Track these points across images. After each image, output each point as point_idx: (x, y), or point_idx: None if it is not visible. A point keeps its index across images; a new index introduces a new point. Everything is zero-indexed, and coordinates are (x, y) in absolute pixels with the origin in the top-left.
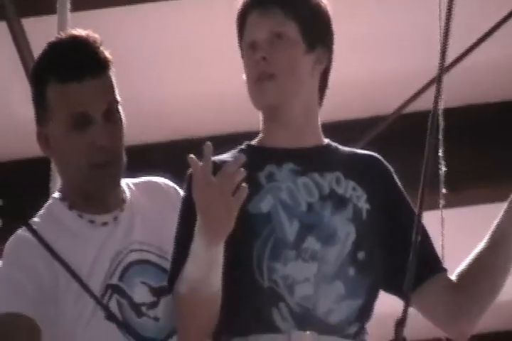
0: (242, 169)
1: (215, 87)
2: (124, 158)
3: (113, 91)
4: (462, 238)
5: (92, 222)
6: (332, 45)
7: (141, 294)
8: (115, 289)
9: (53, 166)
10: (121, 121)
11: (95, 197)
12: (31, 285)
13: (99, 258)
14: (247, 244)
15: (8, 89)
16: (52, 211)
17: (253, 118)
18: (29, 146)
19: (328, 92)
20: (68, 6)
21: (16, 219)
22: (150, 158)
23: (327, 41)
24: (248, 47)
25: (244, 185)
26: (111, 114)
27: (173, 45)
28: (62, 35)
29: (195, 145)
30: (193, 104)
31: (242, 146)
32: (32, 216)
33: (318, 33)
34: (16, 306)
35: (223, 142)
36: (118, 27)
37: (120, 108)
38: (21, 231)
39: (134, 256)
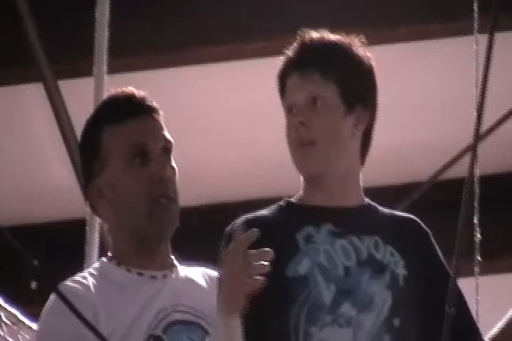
0: (267, 250)
1: (254, 150)
2: (179, 206)
3: (167, 134)
4: (497, 305)
5: (140, 274)
6: (375, 102)
7: None
8: (157, 340)
9: (88, 228)
10: (175, 165)
11: (150, 243)
12: (76, 337)
13: (144, 310)
14: (284, 308)
15: (44, 152)
16: (99, 268)
17: (293, 182)
18: (65, 208)
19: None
20: (105, 68)
21: (50, 281)
22: (188, 222)
23: (369, 99)
24: (288, 110)
25: (261, 278)
26: (168, 153)
27: (212, 109)
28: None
29: (233, 209)
30: (231, 168)
31: (281, 203)
32: (66, 278)
33: (358, 92)
34: None
35: (261, 206)
36: (154, 90)
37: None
38: (68, 282)
39: (179, 316)
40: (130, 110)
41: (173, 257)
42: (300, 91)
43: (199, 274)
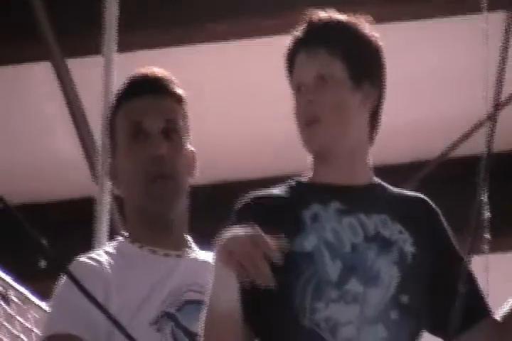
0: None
1: (260, 128)
2: (185, 184)
3: (174, 115)
4: (507, 283)
5: (153, 251)
6: (383, 80)
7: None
8: (172, 317)
9: (98, 206)
10: (181, 143)
11: (158, 220)
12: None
13: (157, 287)
14: (289, 283)
15: (53, 130)
16: (114, 245)
17: (302, 161)
18: (74, 186)
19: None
20: (115, 46)
21: (59, 259)
22: (194, 200)
23: (377, 76)
24: (295, 89)
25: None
26: (169, 132)
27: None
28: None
29: (241, 188)
30: (237, 146)
31: (291, 182)
32: (74, 257)
33: (365, 69)
34: (74, 329)
35: (270, 185)
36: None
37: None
38: (82, 258)
39: (194, 296)
40: (139, 89)
41: (189, 238)
42: (307, 70)
43: None
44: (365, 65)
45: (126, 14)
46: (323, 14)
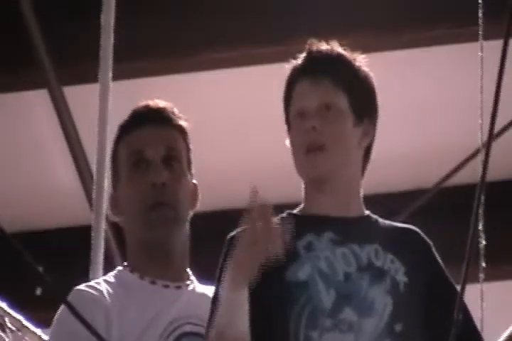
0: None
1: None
2: (185, 214)
3: (175, 143)
4: (502, 312)
5: (153, 282)
6: (377, 118)
7: None
8: None
9: (94, 234)
10: (182, 172)
11: (157, 251)
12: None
13: (156, 319)
14: (284, 312)
15: (50, 158)
16: (114, 275)
17: (291, 190)
18: (71, 214)
19: (370, 164)
20: (110, 74)
21: (56, 287)
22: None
23: (373, 114)
24: (296, 114)
25: (280, 243)
26: (171, 160)
27: (216, 115)
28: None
29: (236, 216)
30: (233, 174)
31: (283, 214)
32: (71, 285)
33: (366, 105)
34: None
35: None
36: (163, 96)
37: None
38: (81, 287)
39: (192, 328)
40: (140, 120)
41: (189, 271)
42: (311, 97)
43: None
44: (366, 102)
45: (123, 42)
46: (324, 45)
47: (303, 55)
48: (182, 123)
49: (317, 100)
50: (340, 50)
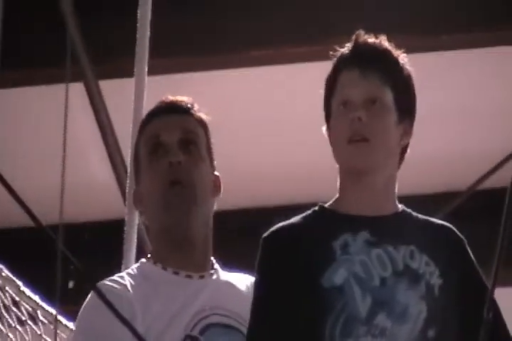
0: None
1: (293, 155)
2: (204, 198)
3: (192, 128)
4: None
5: (176, 273)
6: (415, 119)
7: None
8: (194, 340)
9: (127, 228)
10: (200, 156)
11: (175, 232)
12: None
13: (182, 310)
14: (320, 319)
15: (85, 152)
16: (137, 267)
17: (322, 189)
18: (106, 208)
19: (403, 166)
20: (146, 69)
21: (88, 281)
22: (224, 225)
23: (413, 113)
24: (341, 103)
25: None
26: (188, 144)
27: (251, 115)
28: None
29: (268, 214)
30: (266, 173)
31: (316, 208)
32: (104, 277)
33: (409, 104)
34: None
35: (297, 212)
36: (196, 92)
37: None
38: (105, 281)
39: (218, 319)
40: (158, 111)
41: (213, 260)
42: (359, 89)
43: (240, 280)
44: (408, 100)
45: (159, 37)
46: (371, 38)
47: (349, 46)
48: (200, 114)
49: (365, 93)
50: (387, 44)
